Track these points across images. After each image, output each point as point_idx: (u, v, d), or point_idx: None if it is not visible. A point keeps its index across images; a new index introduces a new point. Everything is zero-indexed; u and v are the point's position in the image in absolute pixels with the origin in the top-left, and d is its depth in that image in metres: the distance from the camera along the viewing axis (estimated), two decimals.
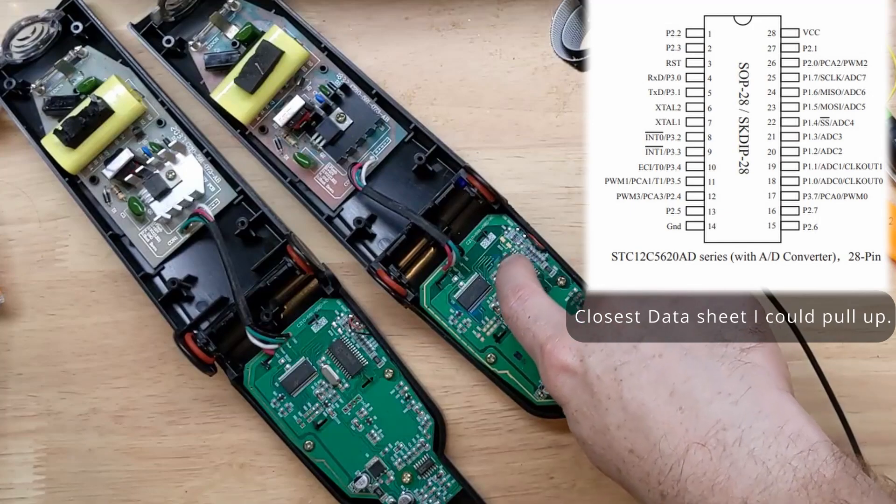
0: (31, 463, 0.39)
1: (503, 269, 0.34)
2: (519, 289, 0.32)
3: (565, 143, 0.39)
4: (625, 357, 0.27)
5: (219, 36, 0.41)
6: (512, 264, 0.34)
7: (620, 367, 0.26)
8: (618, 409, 0.26)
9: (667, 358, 0.26)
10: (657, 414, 0.25)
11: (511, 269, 0.33)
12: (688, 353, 0.26)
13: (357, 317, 0.37)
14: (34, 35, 0.40)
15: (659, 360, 0.26)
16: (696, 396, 0.25)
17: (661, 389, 0.25)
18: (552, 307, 0.31)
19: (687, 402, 0.25)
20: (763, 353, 0.27)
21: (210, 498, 0.38)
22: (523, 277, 0.33)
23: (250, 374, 0.37)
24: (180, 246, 0.39)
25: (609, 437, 0.26)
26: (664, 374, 0.26)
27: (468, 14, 0.41)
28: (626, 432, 0.26)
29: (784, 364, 0.27)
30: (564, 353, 0.28)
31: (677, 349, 0.26)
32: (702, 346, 0.26)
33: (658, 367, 0.26)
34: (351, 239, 0.37)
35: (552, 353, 0.28)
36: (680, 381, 0.25)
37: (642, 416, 0.25)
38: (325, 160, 0.39)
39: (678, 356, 0.26)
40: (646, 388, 0.26)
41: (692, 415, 0.25)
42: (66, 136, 0.38)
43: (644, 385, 0.26)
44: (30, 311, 0.40)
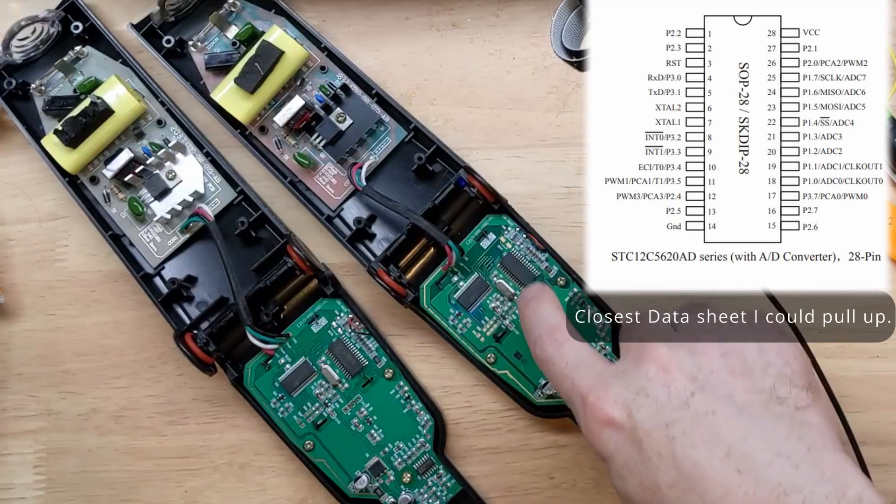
0: (31, 463, 0.39)
1: (531, 305, 0.32)
2: (554, 331, 0.30)
3: (565, 143, 0.39)
4: (676, 413, 0.25)
5: (219, 36, 0.41)
6: (540, 301, 0.32)
7: (672, 423, 0.25)
8: (670, 468, 0.25)
9: (721, 416, 0.25)
10: (713, 475, 0.24)
11: (540, 307, 0.31)
12: (743, 412, 0.25)
13: (357, 317, 0.37)
14: (34, 35, 0.40)
15: (713, 417, 0.25)
16: (755, 458, 0.24)
17: (717, 449, 0.24)
18: (592, 354, 0.29)
19: (745, 464, 0.24)
20: (818, 411, 0.26)
21: (210, 498, 0.38)
22: (556, 318, 0.31)
23: (250, 374, 0.37)
24: (180, 246, 0.39)
25: (660, 496, 0.25)
26: (719, 433, 0.25)
27: (468, 14, 0.41)
28: (680, 492, 0.25)
29: (837, 420, 0.27)
30: (610, 406, 0.26)
31: (732, 406, 0.25)
32: (757, 404, 0.25)
33: (712, 426, 0.25)
34: (351, 239, 0.37)
35: (596, 406, 0.27)
36: (737, 441, 0.24)
37: (697, 477, 0.24)
38: (325, 160, 0.39)
39: (733, 414, 0.25)
40: (700, 446, 0.25)
41: (751, 477, 0.24)
42: (66, 136, 0.38)
43: (698, 444, 0.25)
44: (30, 311, 0.40)
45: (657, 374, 0.27)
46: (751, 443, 0.24)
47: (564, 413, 0.36)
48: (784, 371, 0.26)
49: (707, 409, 0.25)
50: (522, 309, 0.32)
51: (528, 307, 0.32)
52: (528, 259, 0.37)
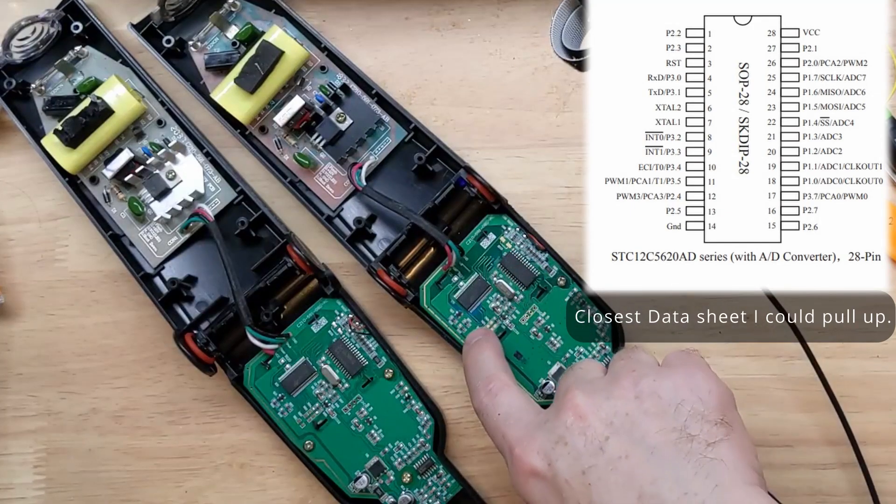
0: (31, 463, 0.39)
1: (471, 353, 0.33)
2: (489, 381, 0.31)
3: (565, 143, 0.39)
4: (592, 460, 0.26)
5: (219, 36, 0.41)
6: (480, 348, 0.33)
7: (588, 470, 0.26)
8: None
9: (633, 459, 0.26)
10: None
11: (480, 354, 0.33)
12: (653, 453, 0.26)
13: (357, 317, 0.37)
14: (34, 35, 0.40)
15: (626, 461, 0.26)
16: (664, 498, 0.25)
17: (629, 493, 0.25)
18: (524, 403, 0.30)
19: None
20: (730, 445, 0.26)
21: (210, 498, 0.38)
22: (493, 366, 0.32)
23: (250, 374, 0.37)
24: (180, 246, 0.39)
25: None
26: (631, 477, 0.25)
27: (468, 14, 0.41)
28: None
29: (753, 453, 0.27)
30: (533, 457, 0.27)
31: (643, 449, 0.26)
32: (668, 444, 0.26)
33: (625, 470, 0.26)
34: (351, 239, 0.37)
35: (521, 458, 0.28)
36: (647, 483, 0.25)
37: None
38: (325, 160, 0.39)
39: (644, 457, 0.26)
40: (614, 491, 0.25)
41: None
42: (66, 136, 0.38)
43: (612, 488, 0.25)
44: (30, 311, 0.40)
45: (574, 421, 0.27)
46: (660, 484, 0.25)
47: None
48: (697, 408, 0.27)
49: (621, 453, 0.26)
50: (464, 355, 0.34)
51: (468, 355, 0.33)
52: (528, 259, 0.37)
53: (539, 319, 0.36)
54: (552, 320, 0.36)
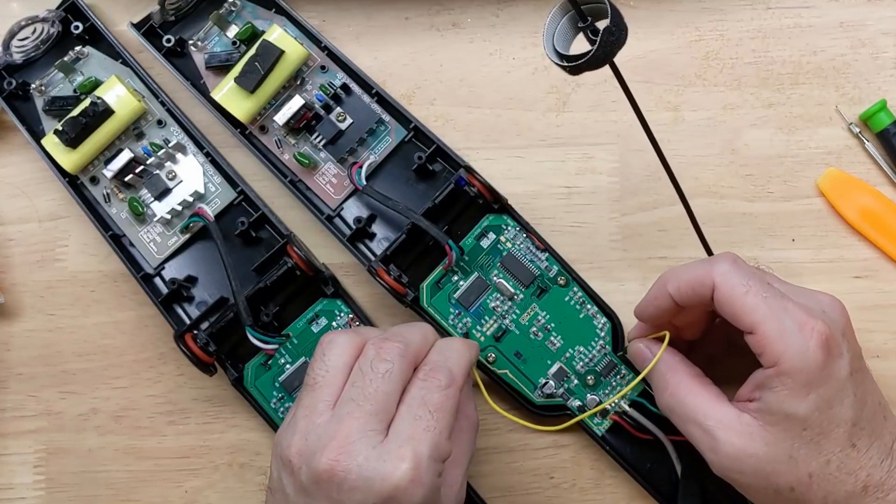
0: (31, 463, 0.39)
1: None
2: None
3: (565, 143, 0.39)
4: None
5: (219, 35, 0.41)
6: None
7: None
8: None
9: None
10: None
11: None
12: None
13: (357, 316, 0.37)
14: (34, 35, 0.40)
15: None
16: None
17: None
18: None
19: None
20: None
21: (210, 498, 0.38)
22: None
23: (250, 375, 0.37)
24: (180, 246, 0.39)
25: None
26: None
27: (468, 14, 0.41)
28: None
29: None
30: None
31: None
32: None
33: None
34: (351, 238, 0.37)
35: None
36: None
37: None
38: (325, 159, 0.39)
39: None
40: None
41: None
42: (66, 136, 0.38)
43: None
44: (30, 311, 0.40)
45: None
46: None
47: (564, 413, 0.36)
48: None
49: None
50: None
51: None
52: (528, 259, 0.37)
53: (539, 319, 0.36)
54: (552, 320, 0.36)
